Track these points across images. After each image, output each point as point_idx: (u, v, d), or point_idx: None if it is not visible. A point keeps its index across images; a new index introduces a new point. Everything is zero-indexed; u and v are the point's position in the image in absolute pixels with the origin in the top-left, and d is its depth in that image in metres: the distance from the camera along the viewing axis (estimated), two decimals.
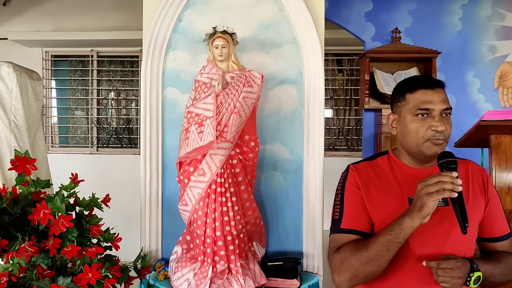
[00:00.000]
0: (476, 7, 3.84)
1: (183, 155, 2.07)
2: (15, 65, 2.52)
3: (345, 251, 1.21)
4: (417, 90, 1.26)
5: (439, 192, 1.09)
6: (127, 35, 4.56)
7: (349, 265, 1.18)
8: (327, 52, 5.00)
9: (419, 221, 1.10)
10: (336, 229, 1.28)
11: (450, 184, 1.09)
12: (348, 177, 1.33)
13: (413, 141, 1.25)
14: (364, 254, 1.16)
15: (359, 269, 1.17)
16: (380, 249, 1.14)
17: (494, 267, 1.24)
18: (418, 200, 1.11)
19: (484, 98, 3.87)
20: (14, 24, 4.78)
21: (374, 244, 1.16)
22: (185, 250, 2.15)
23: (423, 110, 1.23)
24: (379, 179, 1.30)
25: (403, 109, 1.28)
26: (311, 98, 2.33)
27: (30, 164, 1.31)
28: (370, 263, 1.15)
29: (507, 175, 1.92)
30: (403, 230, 1.12)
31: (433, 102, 1.23)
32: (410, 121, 1.25)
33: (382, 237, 1.15)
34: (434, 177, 1.11)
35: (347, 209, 1.28)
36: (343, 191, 1.31)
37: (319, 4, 2.35)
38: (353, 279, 1.19)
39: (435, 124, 1.21)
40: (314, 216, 2.32)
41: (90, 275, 1.19)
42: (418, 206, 1.10)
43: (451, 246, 1.23)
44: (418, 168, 1.31)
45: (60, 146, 5.32)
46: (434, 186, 1.09)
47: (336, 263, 1.22)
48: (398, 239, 1.13)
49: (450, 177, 1.10)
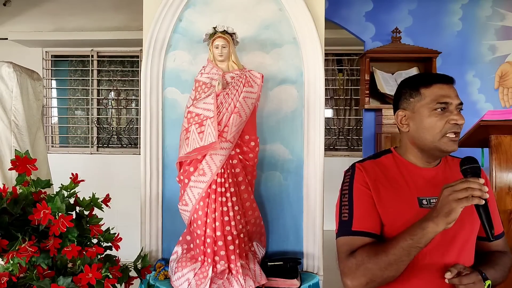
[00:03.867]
0: (476, 7, 3.84)
1: (183, 155, 2.08)
2: (15, 65, 2.52)
3: (361, 255, 1.17)
4: (433, 84, 1.25)
5: (468, 199, 1.06)
6: (127, 35, 4.56)
7: (367, 269, 1.15)
8: (327, 52, 5.00)
9: (443, 226, 1.08)
10: (347, 231, 1.23)
11: (478, 191, 1.07)
12: (355, 176, 1.29)
13: (429, 137, 1.23)
14: (384, 258, 1.13)
15: (377, 273, 1.14)
16: (400, 254, 1.12)
17: (496, 271, 1.24)
18: (446, 205, 1.08)
19: (484, 98, 3.86)
20: (14, 24, 4.79)
21: (394, 248, 1.13)
22: (185, 250, 2.15)
23: (442, 104, 1.22)
24: (387, 179, 1.28)
25: (417, 104, 1.26)
26: (311, 98, 2.33)
27: (31, 164, 1.31)
28: (389, 267, 1.13)
29: (507, 175, 1.92)
30: (426, 235, 1.09)
31: (451, 96, 1.23)
32: (427, 116, 1.23)
33: (403, 241, 1.12)
34: (462, 183, 1.08)
35: (357, 210, 1.24)
36: (352, 191, 1.27)
37: (319, 4, 2.35)
38: (369, 283, 1.16)
39: (455, 118, 1.21)
40: (314, 216, 2.32)
41: (90, 275, 1.19)
42: (446, 211, 1.07)
43: (458, 246, 1.23)
44: (425, 167, 1.30)
45: (60, 146, 5.32)
46: (464, 192, 1.07)
47: (351, 267, 1.18)
48: (420, 244, 1.10)
49: (479, 184, 1.08)
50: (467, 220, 1.22)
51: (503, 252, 1.34)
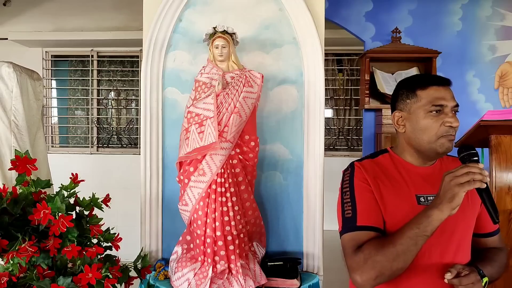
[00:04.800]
0: (476, 7, 3.84)
1: (183, 155, 2.08)
2: (15, 65, 2.52)
3: (369, 249, 1.16)
4: (429, 86, 1.26)
5: (470, 183, 1.08)
6: (127, 35, 4.56)
7: (375, 262, 1.14)
8: (327, 52, 5.00)
9: (448, 212, 1.09)
10: (352, 227, 1.23)
11: (479, 175, 1.08)
12: (355, 173, 1.30)
13: (425, 138, 1.25)
14: (391, 249, 1.13)
15: (386, 265, 1.13)
16: (408, 244, 1.12)
17: (492, 267, 1.26)
18: (448, 191, 1.09)
19: (484, 98, 3.86)
20: (14, 24, 4.79)
21: (401, 238, 1.13)
22: (185, 250, 2.15)
23: (437, 107, 1.23)
24: (386, 177, 1.29)
25: (413, 105, 1.27)
26: (311, 98, 2.33)
27: (30, 164, 1.31)
28: (398, 259, 1.12)
29: (507, 175, 1.92)
30: (432, 222, 1.10)
31: (446, 98, 1.24)
32: (423, 118, 1.25)
33: (410, 231, 1.12)
34: (463, 168, 1.10)
35: (360, 205, 1.25)
36: (353, 188, 1.28)
37: (319, 4, 2.35)
38: (379, 277, 1.15)
39: (450, 120, 1.22)
40: (314, 216, 2.32)
41: (90, 275, 1.19)
42: (449, 197, 1.08)
43: (456, 242, 1.24)
44: (421, 166, 1.31)
45: (60, 146, 5.32)
46: (465, 176, 1.08)
47: (359, 262, 1.17)
48: (426, 232, 1.11)
49: (478, 168, 1.09)
50: (462, 218, 1.23)
51: (499, 249, 1.35)
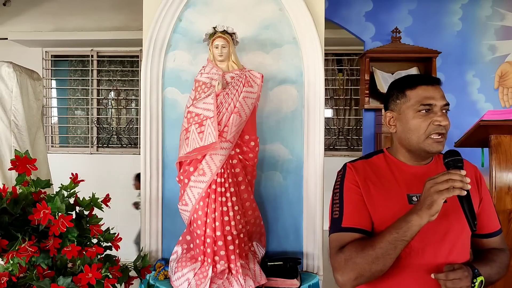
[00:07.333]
0: (476, 7, 3.84)
1: (183, 155, 2.08)
2: (15, 65, 2.52)
3: (350, 250, 1.19)
4: (417, 86, 1.27)
5: (449, 190, 1.08)
6: (127, 35, 4.56)
7: (355, 264, 1.17)
8: (327, 52, 5.00)
9: (427, 218, 1.10)
10: (337, 228, 1.26)
11: (459, 182, 1.08)
12: (346, 175, 1.32)
13: (414, 138, 1.26)
14: (371, 252, 1.15)
15: (365, 267, 1.16)
16: (387, 248, 1.13)
17: (491, 268, 1.25)
18: (428, 197, 1.10)
19: (484, 98, 3.87)
20: (14, 24, 4.79)
21: (380, 242, 1.14)
22: (185, 250, 2.15)
23: (426, 106, 1.24)
24: (377, 178, 1.30)
25: (403, 106, 1.29)
26: (311, 98, 2.33)
27: (30, 164, 1.31)
28: (377, 261, 1.14)
29: (507, 175, 1.92)
30: (411, 228, 1.11)
31: (435, 97, 1.24)
32: (412, 117, 1.26)
33: (389, 235, 1.14)
34: (444, 175, 1.11)
35: (347, 207, 1.27)
36: (342, 190, 1.30)
37: (319, 4, 2.35)
38: (358, 278, 1.17)
39: (439, 119, 1.22)
40: (314, 216, 2.32)
41: (90, 275, 1.19)
42: (428, 203, 1.09)
43: (449, 242, 1.24)
44: (415, 165, 1.32)
45: (60, 146, 5.32)
46: (444, 184, 1.09)
47: (340, 262, 1.20)
48: (406, 237, 1.12)
49: (459, 175, 1.10)
50: (455, 217, 1.24)
51: (500, 249, 1.35)
